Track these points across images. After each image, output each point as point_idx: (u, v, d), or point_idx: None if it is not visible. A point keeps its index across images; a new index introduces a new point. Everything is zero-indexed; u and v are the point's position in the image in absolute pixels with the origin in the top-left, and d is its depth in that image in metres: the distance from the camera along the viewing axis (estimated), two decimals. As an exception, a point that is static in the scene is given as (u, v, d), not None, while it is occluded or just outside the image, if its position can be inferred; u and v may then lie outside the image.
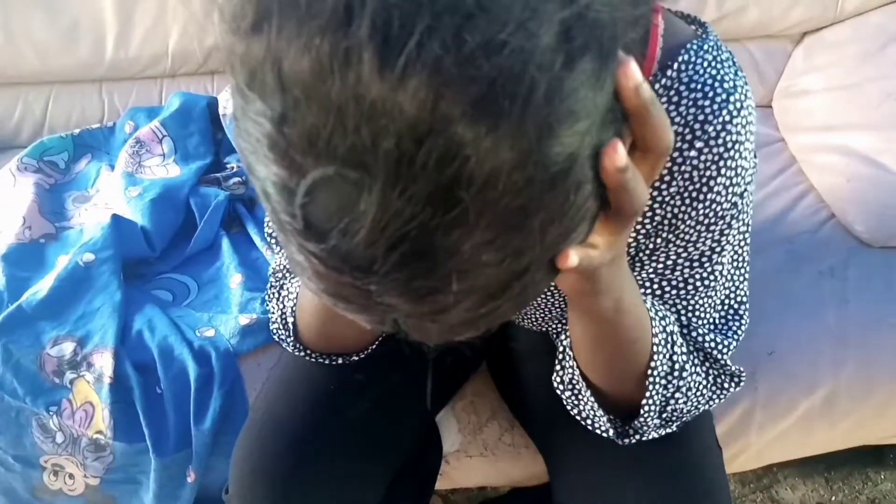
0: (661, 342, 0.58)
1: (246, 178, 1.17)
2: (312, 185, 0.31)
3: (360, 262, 0.32)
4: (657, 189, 0.58)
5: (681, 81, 0.55)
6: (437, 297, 0.34)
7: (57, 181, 1.23)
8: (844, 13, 1.19)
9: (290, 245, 0.35)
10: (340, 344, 0.72)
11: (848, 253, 0.99)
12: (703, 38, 0.56)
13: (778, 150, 1.18)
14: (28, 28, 1.26)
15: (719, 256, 0.61)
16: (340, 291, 0.35)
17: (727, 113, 0.54)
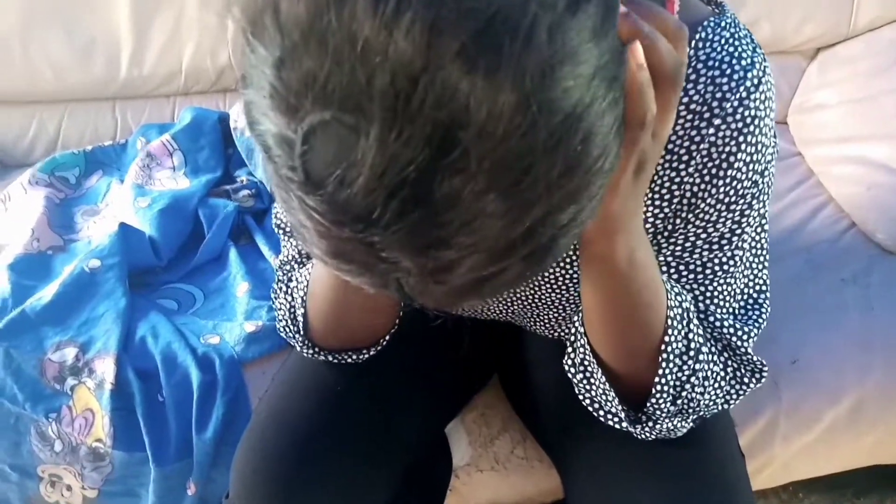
0: (677, 317, 0.56)
1: (256, 191, 1.17)
2: (310, 130, 0.30)
3: (359, 211, 0.31)
4: (675, 169, 0.57)
5: (698, 59, 0.54)
6: (441, 252, 0.32)
7: (67, 196, 1.23)
8: (857, 29, 1.19)
9: (291, 206, 0.34)
10: (351, 336, 0.70)
11: (870, 260, 0.97)
12: (720, 16, 0.55)
13: (795, 164, 1.16)
14: (46, 47, 1.28)
15: (739, 240, 0.59)
16: (343, 249, 0.34)
17: (744, 89, 0.53)
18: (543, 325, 0.76)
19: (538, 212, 0.32)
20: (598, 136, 0.33)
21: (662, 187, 0.58)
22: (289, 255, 0.71)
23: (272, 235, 1.11)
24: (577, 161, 0.32)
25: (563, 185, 0.32)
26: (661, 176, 0.57)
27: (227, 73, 1.31)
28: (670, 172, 0.57)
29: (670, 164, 0.57)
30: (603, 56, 0.32)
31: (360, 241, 0.33)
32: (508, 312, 0.76)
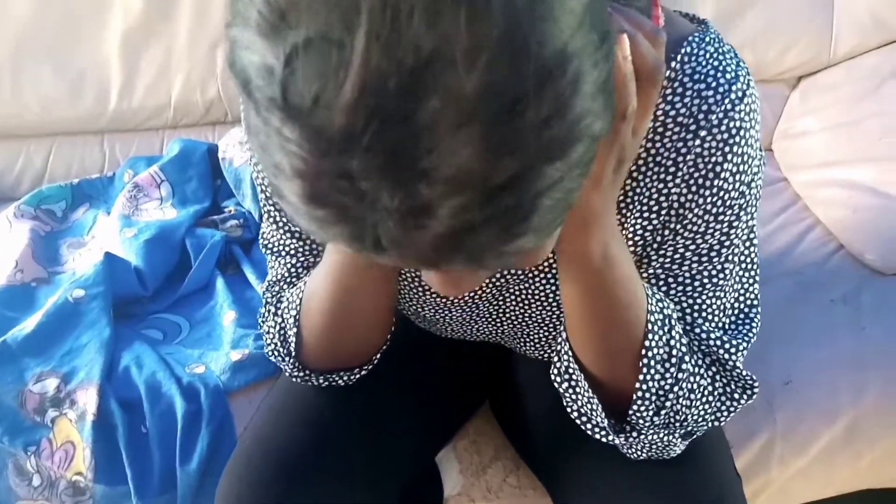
0: (658, 321, 0.56)
1: (243, 221, 1.16)
2: (293, 51, 0.29)
3: (339, 132, 0.30)
4: (662, 181, 0.57)
5: (684, 73, 0.55)
6: (420, 186, 0.31)
7: (53, 229, 1.22)
8: (837, 57, 1.21)
9: (268, 147, 0.33)
10: (345, 351, 0.69)
11: (860, 281, 0.97)
12: (704, 32, 0.56)
13: (781, 189, 1.17)
14: (35, 81, 1.28)
15: (728, 252, 0.59)
16: (320, 189, 0.33)
17: (729, 101, 0.54)
18: (533, 346, 0.75)
19: (522, 157, 0.31)
20: (587, 86, 0.32)
21: (650, 199, 0.58)
22: (278, 275, 0.70)
23: (260, 264, 1.10)
24: (564, 106, 0.31)
25: (549, 129, 0.31)
26: (650, 187, 0.57)
27: (216, 106, 1.31)
28: (658, 184, 0.57)
29: (658, 176, 0.57)
30: (592, 7, 0.32)
31: (338, 172, 0.31)
32: (498, 333, 0.75)
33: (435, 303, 0.70)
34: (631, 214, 0.59)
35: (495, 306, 0.71)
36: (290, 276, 0.69)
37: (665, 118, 0.55)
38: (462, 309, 0.71)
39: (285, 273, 0.69)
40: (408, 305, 0.73)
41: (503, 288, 0.68)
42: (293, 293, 0.68)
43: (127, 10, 1.25)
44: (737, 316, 0.63)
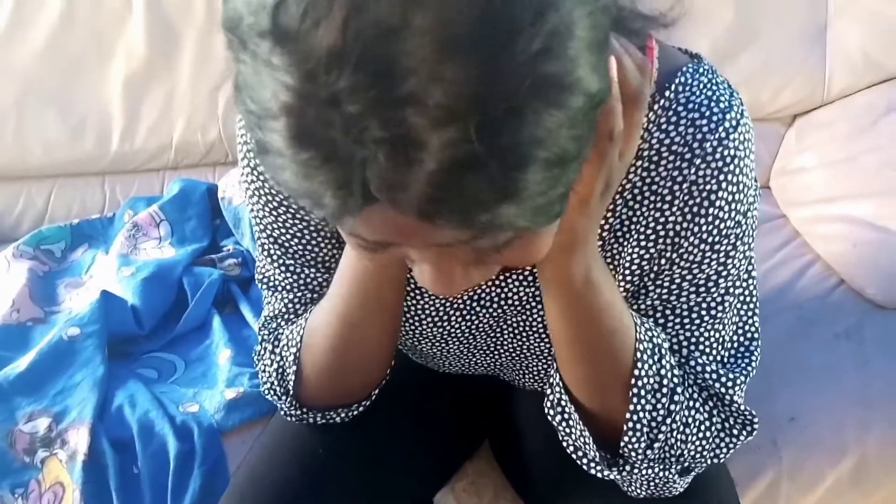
0: (647, 350, 0.56)
1: (242, 259, 1.16)
2: None
3: (328, 52, 0.30)
4: (659, 209, 0.57)
5: (678, 102, 0.55)
6: (409, 115, 0.30)
7: (51, 269, 1.22)
8: (831, 95, 1.22)
9: (258, 86, 0.33)
10: (346, 385, 0.68)
11: (862, 315, 0.96)
12: (698, 63, 0.57)
13: (780, 226, 1.17)
14: (39, 125, 1.30)
15: (726, 282, 0.59)
16: (307, 125, 0.32)
17: (723, 130, 0.54)
18: (532, 378, 0.74)
19: (516, 89, 0.31)
20: (581, 31, 0.32)
21: (647, 227, 0.57)
22: (274, 311, 0.69)
23: (257, 303, 1.10)
24: (558, 44, 0.31)
25: (543, 64, 0.31)
26: (646, 216, 0.57)
27: (217, 147, 1.32)
28: (654, 213, 0.57)
29: (654, 204, 0.57)
30: None
31: (325, 97, 0.31)
32: (496, 366, 0.74)
33: (433, 334, 0.69)
34: (628, 243, 0.59)
35: (493, 338, 0.70)
36: (287, 313, 0.69)
37: (660, 146, 0.55)
38: (460, 340, 0.70)
39: (282, 308, 0.69)
40: (406, 339, 0.72)
41: (500, 319, 0.68)
42: (293, 330, 0.67)
43: (130, 55, 1.27)
44: (736, 349, 0.62)
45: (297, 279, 0.66)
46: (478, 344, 0.71)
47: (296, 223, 0.63)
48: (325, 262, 0.65)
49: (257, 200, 0.63)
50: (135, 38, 1.26)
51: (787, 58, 1.21)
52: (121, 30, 1.26)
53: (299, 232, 0.63)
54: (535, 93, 0.31)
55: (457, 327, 0.69)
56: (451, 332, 0.69)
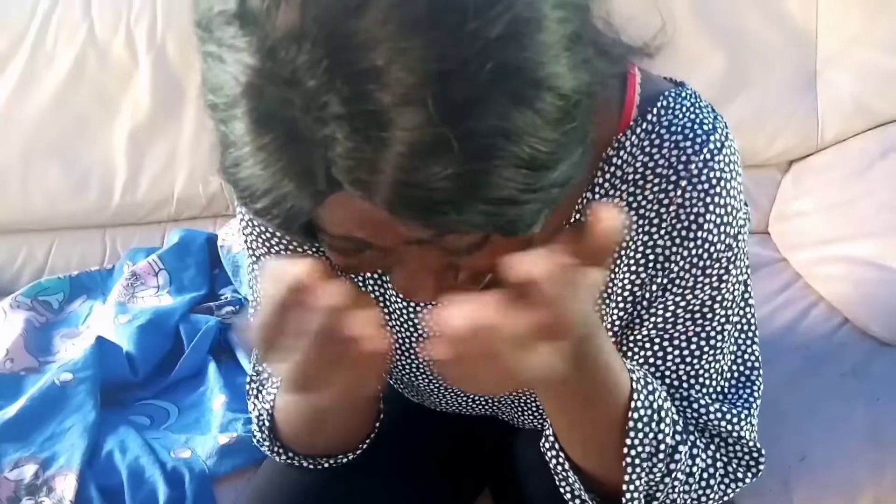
0: (643, 418, 0.53)
1: (239, 307, 1.15)
2: None
3: (289, 30, 0.31)
4: (647, 233, 0.56)
5: (661, 125, 0.55)
6: (371, 90, 0.30)
7: (48, 320, 1.21)
8: (825, 141, 1.24)
9: (221, 71, 0.33)
10: (326, 443, 0.67)
11: (868, 353, 0.95)
12: (681, 88, 0.57)
13: (781, 269, 1.16)
14: (43, 178, 1.31)
15: (721, 308, 0.57)
16: (268, 107, 0.32)
17: (708, 151, 0.53)
18: (531, 415, 0.72)
19: (476, 76, 0.31)
20: (551, 27, 0.33)
21: (636, 251, 0.57)
22: (261, 365, 0.69)
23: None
24: (521, 33, 0.32)
25: (503, 52, 0.31)
26: (635, 241, 0.56)
27: (218, 198, 1.33)
28: (643, 236, 0.56)
29: (642, 228, 0.56)
30: None
31: (285, 75, 0.31)
32: (494, 403, 0.73)
33: (429, 370, 0.68)
34: (619, 269, 0.58)
35: None
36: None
37: (644, 170, 0.54)
38: None
39: (262, 366, 0.68)
40: (400, 375, 0.71)
41: None
42: (269, 389, 0.66)
43: (135, 110, 1.30)
44: (736, 379, 0.61)
45: None
46: None
47: None
48: None
49: (251, 232, 0.63)
50: (140, 93, 1.29)
51: (779, 105, 1.22)
52: (127, 85, 1.29)
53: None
54: (498, 81, 0.32)
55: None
56: None
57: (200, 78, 0.36)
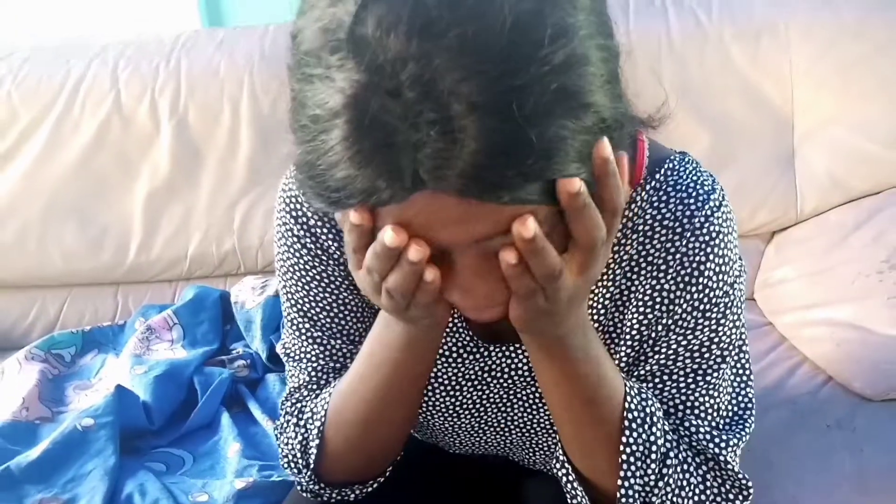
0: (637, 419, 0.59)
1: (250, 361, 1.19)
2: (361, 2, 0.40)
3: (396, 53, 0.39)
4: (655, 278, 0.63)
5: (668, 184, 0.63)
6: (457, 100, 0.39)
7: (61, 372, 1.25)
8: (804, 214, 1.32)
9: (319, 93, 0.42)
10: (368, 455, 0.69)
11: (851, 407, 1.00)
12: (684, 155, 0.65)
13: (767, 332, 1.23)
14: (60, 237, 1.37)
15: (719, 350, 0.64)
16: (371, 112, 0.40)
17: (709, 208, 0.61)
18: (542, 454, 0.76)
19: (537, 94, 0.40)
20: (594, 61, 0.43)
21: (645, 294, 0.63)
22: (299, 382, 0.72)
23: (266, 402, 1.12)
24: (575, 65, 0.41)
25: (559, 76, 0.40)
26: (644, 284, 0.63)
27: (230, 258, 1.39)
28: (651, 281, 0.63)
29: (650, 274, 0.63)
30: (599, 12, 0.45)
31: (390, 87, 0.39)
32: (506, 443, 0.77)
33: (445, 405, 0.72)
34: (628, 311, 0.64)
35: (503, 412, 0.73)
36: (311, 384, 0.71)
37: (653, 222, 0.62)
38: (471, 413, 0.73)
39: (306, 379, 0.71)
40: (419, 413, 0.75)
41: (510, 391, 0.71)
42: (318, 404, 0.69)
43: (154, 173, 1.36)
44: (731, 418, 0.66)
45: (324, 350, 0.70)
46: (489, 419, 0.74)
47: (326, 297, 0.68)
48: (349, 334, 0.70)
49: (290, 276, 0.69)
50: (160, 158, 1.36)
51: (760, 180, 1.32)
52: (147, 150, 1.36)
53: (328, 306, 0.69)
54: (559, 99, 0.41)
55: (468, 398, 0.72)
56: (462, 404, 0.73)
57: (293, 103, 0.45)
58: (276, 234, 0.70)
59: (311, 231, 0.67)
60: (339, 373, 0.70)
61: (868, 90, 1.27)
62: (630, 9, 1.30)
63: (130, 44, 1.39)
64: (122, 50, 1.38)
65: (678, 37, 1.28)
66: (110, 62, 1.37)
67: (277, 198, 0.69)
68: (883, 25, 1.27)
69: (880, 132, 1.27)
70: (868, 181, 1.29)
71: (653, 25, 1.29)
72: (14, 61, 1.37)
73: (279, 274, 0.71)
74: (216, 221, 1.37)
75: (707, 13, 1.30)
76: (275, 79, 1.33)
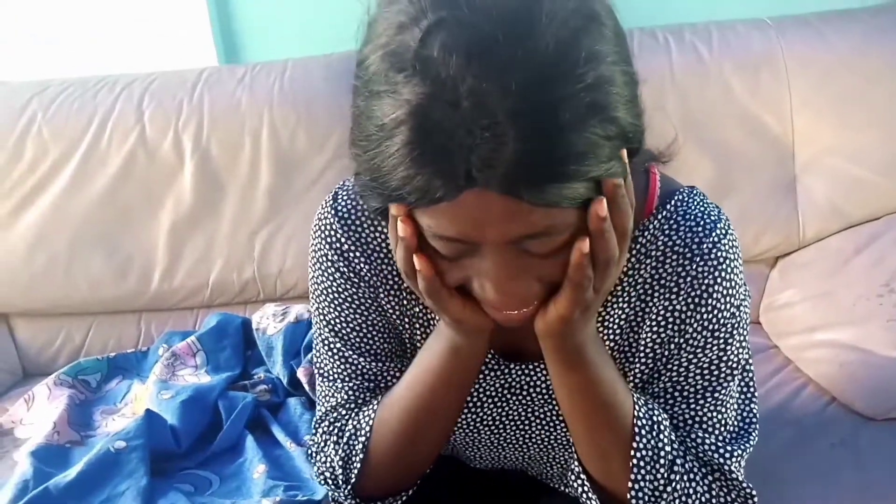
0: (645, 426, 0.64)
1: (272, 386, 1.23)
2: (428, 26, 0.47)
3: (458, 69, 0.46)
4: (668, 299, 0.68)
5: (678, 213, 0.68)
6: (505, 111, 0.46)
7: (87, 398, 1.29)
8: (807, 239, 1.37)
9: (384, 107, 0.48)
10: (409, 464, 0.73)
11: (854, 427, 1.04)
12: (692, 188, 0.70)
13: (772, 355, 1.27)
14: (87, 266, 1.41)
15: (727, 367, 0.68)
16: (433, 118, 0.47)
17: (716, 236, 0.66)
18: (559, 468, 0.80)
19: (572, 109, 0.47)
20: (618, 81, 0.50)
21: (658, 315, 0.68)
22: (338, 401, 0.75)
23: (288, 425, 1.16)
24: (605, 85, 0.49)
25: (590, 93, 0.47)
26: (657, 306, 0.68)
27: (251, 286, 1.43)
28: (664, 302, 0.68)
29: (664, 295, 0.68)
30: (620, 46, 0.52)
31: (450, 98, 0.46)
32: (525, 458, 0.81)
33: (467, 421, 0.77)
34: (643, 331, 0.69)
35: (522, 429, 0.77)
36: (349, 402, 0.75)
37: (665, 248, 0.67)
38: (490, 429, 0.77)
39: (344, 398, 0.75)
40: None
41: (528, 407, 0.76)
42: (361, 420, 0.72)
43: (178, 203, 1.41)
44: (737, 429, 0.71)
45: (355, 369, 0.74)
46: (508, 435, 0.78)
47: (356, 318, 0.73)
48: (377, 353, 0.74)
49: (324, 299, 0.74)
50: (184, 189, 1.41)
51: (762, 207, 1.36)
52: (171, 182, 1.41)
53: (357, 326, 0.73)
54: (591, 112, 0.47)
55: (489, 414, 0.76)
56: (483, 420, 0.77)
57: (356, 120, 0.52)
58: (310, 260, 0.75)
59: (345, 256, 0.72)
60: (373, 392, 0.74)
61: (863, 120, 1.33)
62: (634, 45, 1.36)
63: (155, 80, 1.45)
64: (147, 86, 1.44)
65: (680, 71, 1.34)
66: (136, 98, 1.43)
67: (313, 226, 0.74)
68: (875, 58, 1.33)
69: (876, 161, 1.32)
70: (866, 208, 1.34)
71: (656, 60, 1.34)
72: (45, 98, 1.43)
73: (313, 297, 0.75)
74: (237, 250, 1.42)
75: (708, 48, 1.35)
76: (293, 113, 1.39)
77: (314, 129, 1.37)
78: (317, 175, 1.39)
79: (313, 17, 1.57)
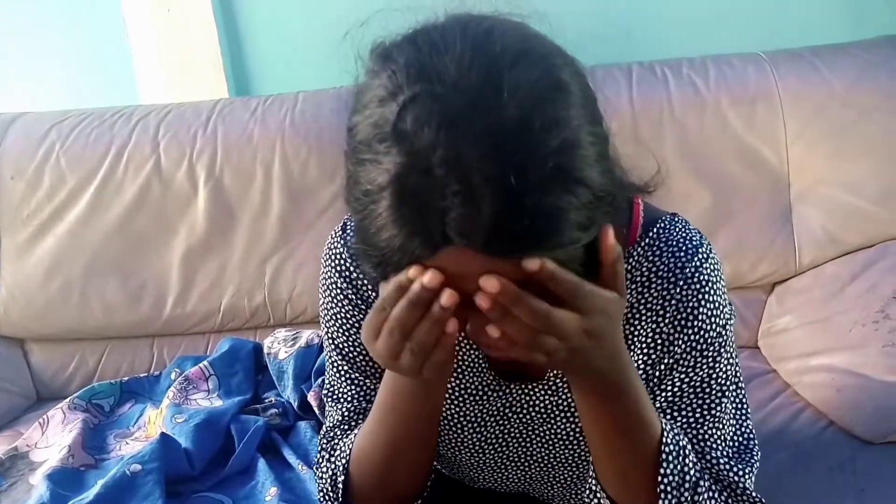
0: (673, 452, 0.66)
1: (282, 410, 1.26)
2: (404, 102, 0.51)
3: (429, 143, 0.49)
4: (654, 321, 0.71)
5: (661, 240, 0.72)
6: (474, 175, 0.49)
7: (101, 422, 1.32)
8: (803, 266, 1.40)
9: (370, 174, 0.52)
10: (392, 495, 0.76)
11: (852, 450, 1.06)
12: (674, 215, 0.74)
13: (771, 379, 1.30)
14: (102, 293, 1.45)
15: (718, 385, 0.72)
16: (410, 184, 0.50)
17: (698, 260, 0.70)
18: (561, 488, 0.83)
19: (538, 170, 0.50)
20: (585, 143, 0.52)
21: (647, 337, 0.72)
22: (334, 421, 0.80)
23: (298, 448, 1.19)
24: (570, 148, 0.52)
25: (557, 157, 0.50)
26: (644, 328, 0.72)
27: (261, 311, 1.47)
28: (651, 324, 0.71)
29: (650, 318, 0.71)
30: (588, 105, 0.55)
31: (424, 167, 0.49)
32: (527, 479, 0.83)
33: (470, 441, 0.80)
34: (633, 353, 0.72)
35: (523, 447, 0.80)
36: (343, 423, 0.79)
37: (650, 273, 0.71)
38: (494, 448, 0.80)
39: (339, 419, 0.80)
40: (446, 448, 0.82)
41: (529, 427, 0.79)
42: (346, 443, 0.77)
43: (191, 232, 1.45)
44: (738, 445, 0.74)
45: (360, 390, 0.79)
46: (510, 454, 0.81)
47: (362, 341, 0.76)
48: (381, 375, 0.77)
49: (333, 323, 0.78)
50: (197, 217, 1.45)
51: (759, 236, 1.40)
52: (185, 210, 1.45)
53: (364, 349, 0.77)
54: (556, 176, 0.50)
55: (491, 433, 0.79)
56: (486, 439, 0.80)
57: (348, 182, 0.56)
58: (321, 287, 0.79)
59: (353, 283, 0.76)
60: (367, 414, 0.77)
61: (856, 152, 1.37)
62: (633, 79, 1.41)
63: (170, 111, 1.50)
64: (163, 117, 1.49)
65: (678, 104, 1.39)
66: (151, 129, 1.47)
67: (323, 255, 0.79)
68: (868, 92, 1.37)
69: (869, 190, 1.36)
70: (860, 236, 1.37)
71: (654, 94, 1.39)
72: (64, 128, 1.48)
73: (323, 321, 0.80)
74: (248, 277, 1.45)
75: (705, 82, 1.40)
76: (304, 144, 1.44)
77: (324, 159, 1.42)
78: (326, 204, 1.43)
79: (322, 51, 1.62)
